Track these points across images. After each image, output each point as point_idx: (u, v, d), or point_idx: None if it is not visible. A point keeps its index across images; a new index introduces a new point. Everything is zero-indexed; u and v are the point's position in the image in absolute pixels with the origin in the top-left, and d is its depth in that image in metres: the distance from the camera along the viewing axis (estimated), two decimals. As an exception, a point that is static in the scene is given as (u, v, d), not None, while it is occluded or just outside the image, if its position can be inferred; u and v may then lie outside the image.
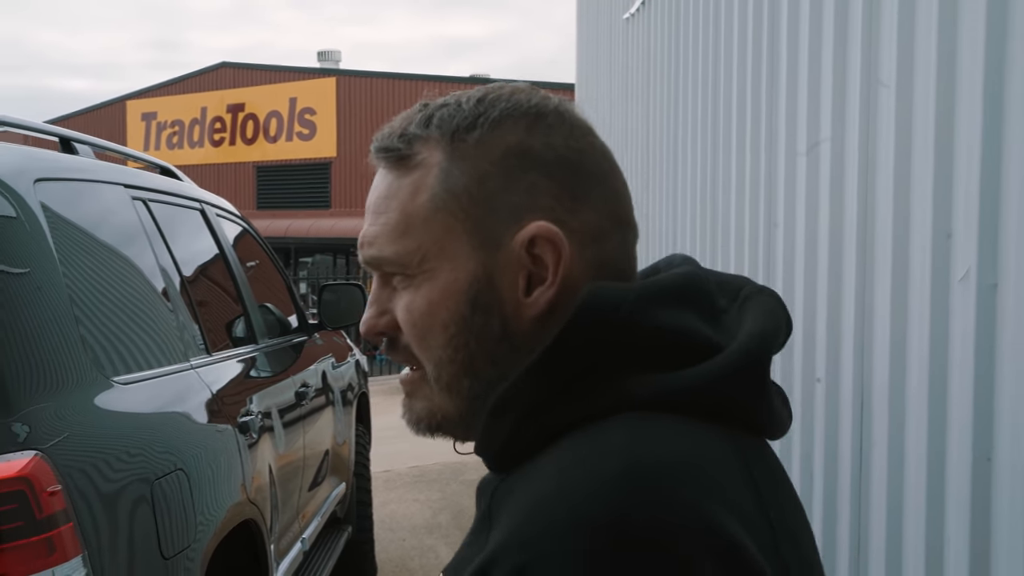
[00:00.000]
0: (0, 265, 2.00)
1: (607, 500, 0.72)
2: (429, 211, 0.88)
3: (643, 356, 0.83)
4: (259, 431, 3.13)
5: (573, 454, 0.78)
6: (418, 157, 0.89)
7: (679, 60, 4.76)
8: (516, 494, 0.79)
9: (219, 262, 3.70)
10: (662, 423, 0.80)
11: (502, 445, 0.86)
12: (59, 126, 2.92)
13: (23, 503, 1.76)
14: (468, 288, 0.87)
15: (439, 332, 0.89)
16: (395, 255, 0.90)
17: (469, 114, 0.89)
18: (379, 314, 0.93)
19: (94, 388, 2.17)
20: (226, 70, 29.79)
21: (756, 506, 0.79)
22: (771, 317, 0.89)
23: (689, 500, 0.73)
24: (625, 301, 0.84)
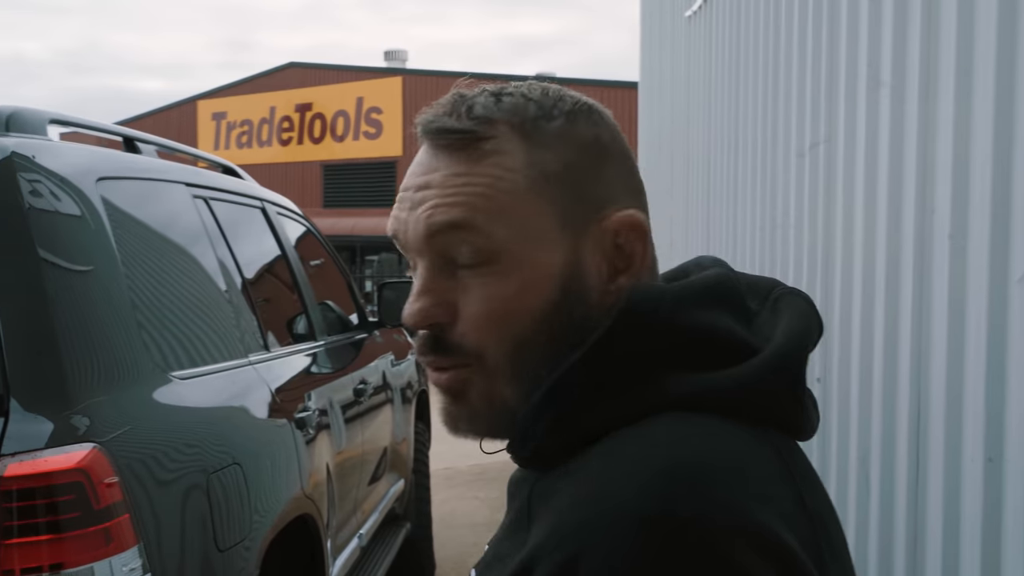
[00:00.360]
0: (64, 262, 2.05)
1: (653, 495, 0.73)
2: (522, 192, 0.87)
3: (681, 357, 0.84)
4: (317, 427, 3.17)
5: (618, 452, 0.79)
6: (493, 142, 0.87)
7: (740, 57, 4.72)
8: (560, 491, 0.80)
9: (279, 260, 3.76)
10: (704, 423, 0.80)
11: (540, 443, 0.86)
12: (132, 126, 2.99)
13: (80, 494, 1.80)
14: (560, 273, 0.87)
15: (525, 318, 0.87)
16: (483, 228, 0.86)
17: (542, 104, 0.89)
18: (436, 303, 0.89)
19: (153, 383, 2.21)
20: (294, 70, 30.16)
21: (798, 505, 0.79)
22: (804, 319, 0.90)
23: (733, 498, 0.74)
24: (663, 302, 0.85)
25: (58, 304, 1.97)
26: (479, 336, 0.88)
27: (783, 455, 0.83)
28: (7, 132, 2.18)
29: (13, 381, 1.85)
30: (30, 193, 2.04)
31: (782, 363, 0.85)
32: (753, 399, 0.83)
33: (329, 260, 4.80)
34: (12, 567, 1.75)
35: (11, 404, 1.84)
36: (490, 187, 0.86)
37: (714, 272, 0.92)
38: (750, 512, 0.74)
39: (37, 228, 2.01)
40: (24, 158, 2.08)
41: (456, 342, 0.89)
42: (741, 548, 0.72)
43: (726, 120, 5.01)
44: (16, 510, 1.76)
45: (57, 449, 1.81)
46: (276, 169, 28.90)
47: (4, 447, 1.79)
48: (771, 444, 0.83)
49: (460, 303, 0.88)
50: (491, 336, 0.87)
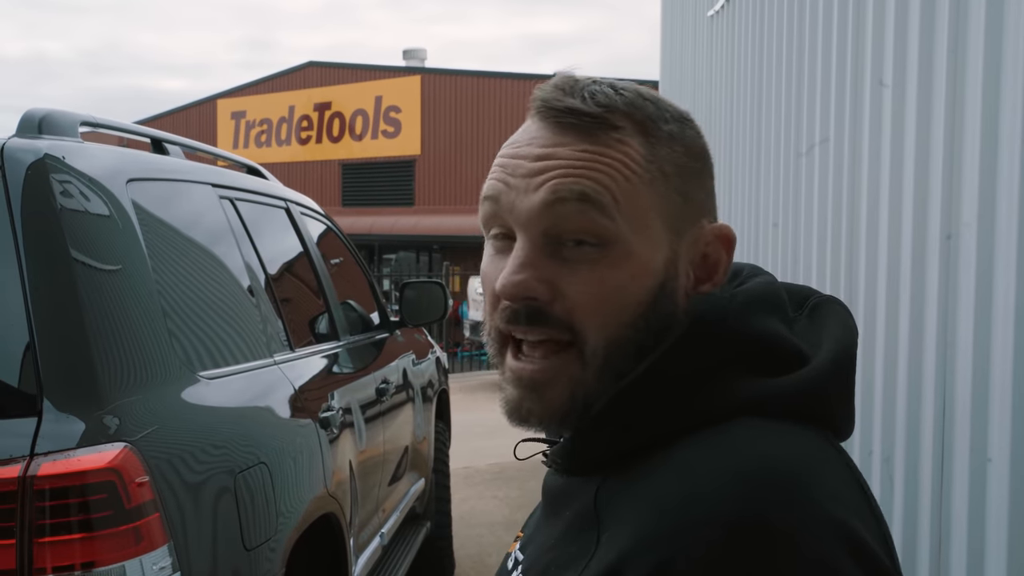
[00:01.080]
0: (95, 263, 2.07)
1: (743, 500, 0.74)
2: (642, 184, 0.88)
3: (746, 363, 0.86)
4: (340, 426, 3.19)
5: (699, 457, 0.79)
6: (618, 132, 0.88)
7: (763, 57, 4.71)
8: (638, 495, 0.80)
9: (303, 260, 3.77)
10: (780, 427, 0.82)
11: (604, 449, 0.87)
12: (152, 125, 3.01)
13: (112, 493, 1.82)
14: (663, 270, 0.89)
15: (631, 309, 0.87)
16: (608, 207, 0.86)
17: (657, 106, 0.91)
18: (538, 279, 0.87)
19: (181, 382, 2.23)
20: (313, 69, 30.22)
21: (869, 508, 0.82)
22: (847, 326, 0.92)
23: (822, 504, 0.75)
24: (731, 310, 0.88)
25: (90, 305, 1.99)
26: (585, 316, 0.87)
27: (846, 459, 0.85)
28: (39, 134, 2.20)
29: (46, 381, 1.87)
30: (62, 194, 2.06)
31: (838, 369, 0.87)
32: (814, 404, 0.85)
33: (351, 259, 4.81)
34: (44, 565, 1.77)
35: (44, 404, 1.86)
36: (619, 172, 0.87)
37: (765, 280, 0.95)
38: (840, 517, 0.75)
39: (69, 229, 2.03)
40: (56, 160, 2.10)
41: (559, 316, 0.87)
42: (836, 553, 0.73)
43: (748, 119, 5.00)
44: (48, 509, 1.78)
45: (89, 448, 1.83)
46: (295, 168, 28.98)
47: (37, 446, 1.80)
48: (835, 446, 0.86)
49: (563, 284, 0.87)
50: (596, 319, 0.87)
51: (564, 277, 0.87)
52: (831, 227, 3.48)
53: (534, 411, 0.89)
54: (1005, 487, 2.23)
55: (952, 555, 2.49)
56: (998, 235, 2.27)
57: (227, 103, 31.93)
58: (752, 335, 0.87)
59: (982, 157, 2.36)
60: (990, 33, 2.34)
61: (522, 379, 0.89)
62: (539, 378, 0.88)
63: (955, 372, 2.45)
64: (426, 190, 27.97)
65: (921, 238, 2.66)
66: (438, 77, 27.93)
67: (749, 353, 0.86)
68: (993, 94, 2.33)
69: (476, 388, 14.03)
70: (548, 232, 0.87)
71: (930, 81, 2.66)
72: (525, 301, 0.87)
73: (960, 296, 2.47)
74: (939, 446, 2.56)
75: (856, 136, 3.22)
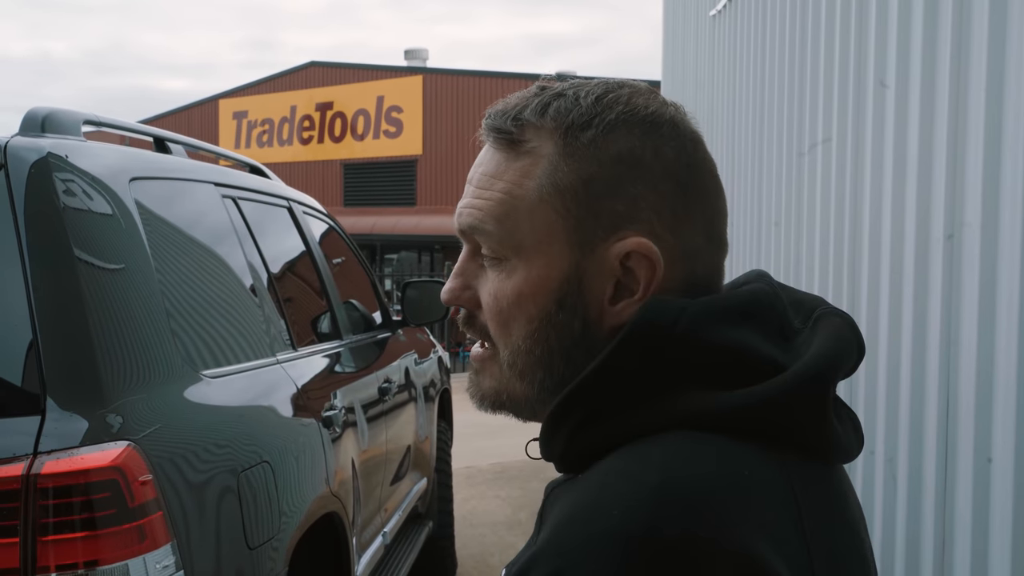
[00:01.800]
0: (99, 262, 2.07)
1: (640, 513, 0.73)
2: (533, 201, 0.88)
3: (699, 373, 0.83)
4: (342, 426, 3.19)
5: (614, 468, 0.79)
6: (529, 144, 0.89)
7: (764, 56, 4.70)
8: (562, 501, 0.81)
9: (305, 259, 3.77)
10: (708, 441, 0.79)
11: (562, 450, 0.88)
12: (155, 125, 3.01)
13: (116, 491, 1.82)
14: (559, 287, 0.88)
15: (522, 323, 0.90)
16: (493, 233, 0.90)
17: (586, 112, 0.88)
18: (463, 287, 0.94)
19: (184, 381, 2.23)
20: (315, 69, 30.23)
21: (793, 530, 0.78)
22: (839, 340, 0.87)
23: (721, 521, 0.73)
24: (683, 316, 0.84)
25: (93, 303, 1.99)
26: (492, 328, 0.92)
27: (792, 478, 0.81)
28: (42, 133, 2.20)
29: (49, 379, 1.87)
30: (65, 193, 2.06)
31: (807, 383, 0.82)
32: (768, 419, 0.81)
33: (353, 259, 4.81)
34: (48, 564, 1.77)
35: (47, 403, 1.85)
36: (508, 192, 0.90)
37: (749, 288, 0.90)
38: (737, 535, 0.73)
39: (72, 228, 2.03)
40: (59, 159, 2.10)
41: (481, 324, 0.94)
42: (724, 571, 0.71)
43: (751, 119, 5.00)
44: (52, 507, 1.78)
45: (92, 447, 1.83)
46: (297, 168, 28.98)
47: (40, 445, 1.80)
48: (779, 466, 0.81)
49: (480, 291, 0.93)
50: (500, 331, 0.92)
51: (481, 284, 0.93)
52: (833, 226, 3.48)
53: (473, 393, 0.97)
54: (1009, 487, 2.23)
55: (956, 555, 2.49)
56: (1001, 235, 2.27)
57: (229, 103, 31.94)
58: (706, 345, 0.83)
59: (985, 157, 2.35)
60: (993, 33, 2.34)
61: (471, 362, 0.97)
62: (475, 365, 0.96)
63: (958, 372, 2.45)
64: (428, 190, 27.98)
65: (924, 238, 2.65)
66: (440, 77, 27.94)
67: (702, 363, 0.83)
68: (997, 94, 2.32)
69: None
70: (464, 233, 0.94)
71: (933, 81, 2.65)
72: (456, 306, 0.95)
73: (963, 296, 2.46)
74: (942, 446, 2.56)
75: (858, 136, 3.22)
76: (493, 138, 0.92)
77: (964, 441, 2.44)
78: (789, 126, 4.20)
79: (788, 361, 0.84)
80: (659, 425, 0.81)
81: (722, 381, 0.82)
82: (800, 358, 0.85)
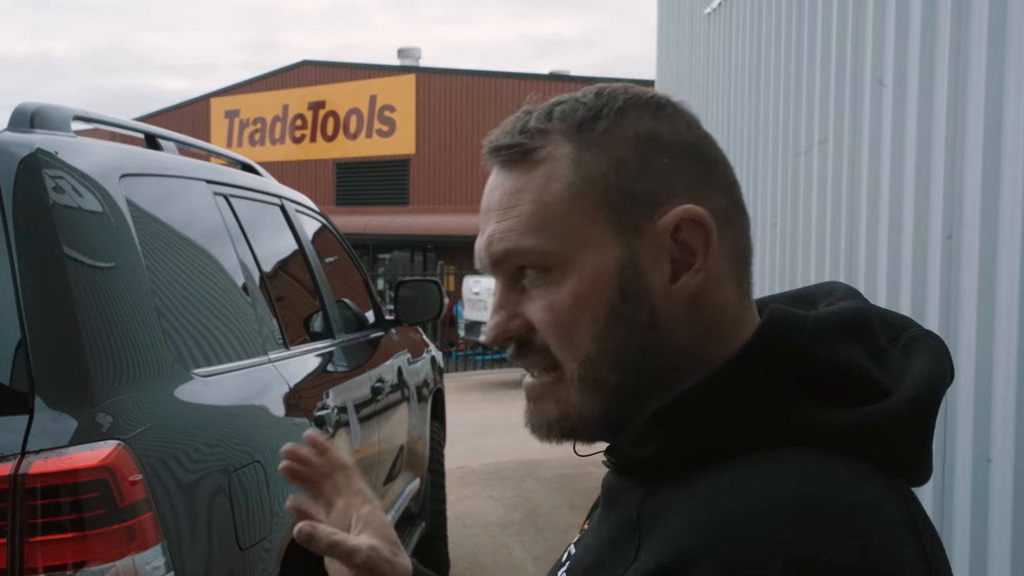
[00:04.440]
0: (88, 259, 2.05)
1: (795, 536, 0.71)
2: (566, 200, 0.86)
3: (815, 389, 0.82)
4: (335, 425, 3.16)
5: (751, 484, 0.77)
6: (543, 151, 0.88)
7: (760, 55, 4.69)
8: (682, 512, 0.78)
9: (298, 258, 3.75)
10: (839, 462, 0.78)
11: (653, 454, 0.85)
12: (147, 123, 2.98)
13: (105, 492, 1.79)
14: (617, 276, 0.85)
15: (589, 325, 0.86)
16: (534, 245, 0.87)
17: (592, 106, 0.88)
18: (509, 318, 0.90)
19: (175, 380, 2.20)
20: (308, 68, 30.20)
21: (920, 557, 0.78)
22: (938, 364, 0.87)
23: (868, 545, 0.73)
24: (806, 329, 0.83)
25: (82, 301, 1.96)
26: (555, 344, 0.88)
27: (908, 502, 0.81)
28: (31, 128, 2.17)
29: (38, 378, 1.84)
30: (54, 190, 2.03)
31: (916, 408, 0.82)
32: (884, 442, 0.81)
33: (346, 257, 4.79)
34: (36, 565, 1.74)
35: (35, 402, 1.83)
36: (536, 201, 0.87)
37: (853, 304, 0.89)
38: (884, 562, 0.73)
39: (61, 225, 2.00)
40: (49, 155, 2.07)
41: (540, 345, 0.89)
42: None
43: (746, 118, 4.98)
44: (40, 507, 1.75)
45: (81, 446, 1.80)
46: (289, 167, 28.94)
47: (29, 444, 1.78)
48: (898, 490, 0.81)
49: (530, 313, 0.89)
50: (563, 344, 0.87)
51: (529, 306, 0.89)
52: (830, 227, 3.47)
53: (535, 424, 0.91)
54: (1008, 488, 2.22)
55: (955, 556, 2.47)
56: (1000, 235, 2.26)
57: (221, 101, 31.90)
58: (825, 361, 0.82)
59: (984, 156, 2.34)
60: (993, 31, 2.32)
61: (527, 394, 0.92)
62: (533, 394, 0.91)
63: (957, 372, 2.43)
64: (421, 189, 27.96)
65: (922, 238, 2.64)
66: (433, 76, 27.93)
67: (819, 379, 0.82)
68: (996, 93, 2.31)
69: (471, 388, 14.02)
70: (499, 263, 0.90)
71: (932, 80, 2.64)
72: (506, 342, 0.91)
73: (961, 296, 2.45)
74: (940, 447, 2.54)
75: (856, 135, 3.21)
76: (503, 157, 0.89)
77: (963, 442, 2.43)
78: (785, 126, 4.19)
79: (889, 382, 0.84)
80: (778, 439, 0.80)
81: (833, 398, 0.81)
82: (898, 379, 0.84)
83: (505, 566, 5.66)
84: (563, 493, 7.14)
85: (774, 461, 0.78)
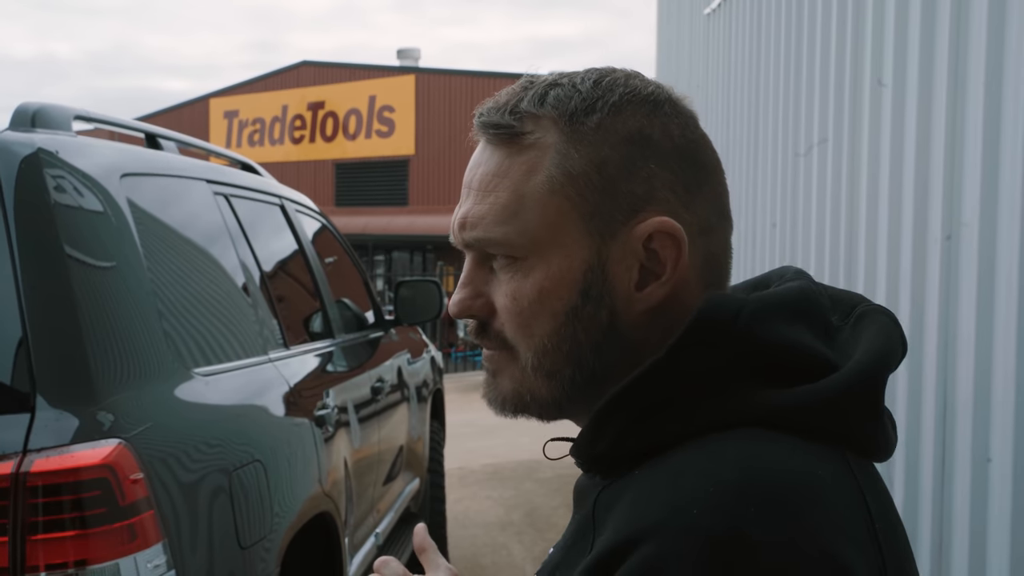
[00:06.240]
0: (89, 259, 2.05)
1: (725, 515, 0.71)
2: (545, 193, 0.86)
3: (756, 371, 0.81)
4: (335, 425, 3.16)
5: (689, 467, 0.77)
6: (532, 136, 0.87)
7: (760, 55, 4.70)
8: (629, 499, 0.78)
9: (298, 258, 3.75)
10: (779, 440, 0.78)
11: (607, 448, 0.85)
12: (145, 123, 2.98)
13: (106, 490, 1.80)
14: (582, 277, 0.86)
15: (547, 320, 0.87)
16: (504, 237, 0.87)
17: (587, 96, 0.86)
18: (473, 296, 0.91)
19: (175, 379, 2.21)
20: (307, 68, 30.18)
21: (868, 531, 0.77)
22: (887, 338, 0.86)
23: (806, 523, 0.72)
24: (742, 312, 0.82)
25: (83, 300, 1.97)
26: (512, 331, 0.89)
27: (857, 478, 0.81)
28: (33, 128, 2.17)
29: (39, 377, 1.85)
30: (55, 189, 2.04)
31: (861, 381, 0.82)
32: (830, 417, 0.80)
33: (346, 257, 4.79)
34: (37, 563, 1.74)
35: (37, 400, 1.83)
36: (515, 190, 0.87)
37: (796, 284, 0.88)
38: (822, 538, 0.72)
39: (63, 224, 2.00)
40: (50, 154, 2.07)
41: (496, 331, 0.90)
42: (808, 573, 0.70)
43: (746, 118, 4.99)
44: (42, 506, 1.75)
45: (83, 445, 1.80)
46: (288, 167, 28.92)
47: (30, 443, 1.78)
48: (845, 465, 0.80)
49: (494, 296, 0.90)
50: (521, 333, 0.88)
51: (494, 289, 0.89)
52: (830, 227, 3.47)
53: (492, 397, 0.93)
54: (1008, 488, 2.22)
55: (954, 556, 2.48)
56: (999, 235, 2.26)
57: (220, 102, 31.87)
58: (765, 341, 0.81)
59: (983, 157, 2.34)
60: (992, 31, 2.33)
61: (485, 366, 0.94)
62: (490, 367, 0.92)
63: (956, 373, 2.43)
64: (420, 190, 27.95)
65: (921, 238, 2.64)
66: (432, 77, 27.92)
67: (761, 360, 0.81)
68: (995, 93, 2.31)
69: (470, 388, 14.01)
70: (470, 247, 0.90)
71: (931, 80, 2.64)
72: (467, 318, 0.92)
73: (961, 296, 2.45)
74: (939, 447, 2.55)
75: (855, 135, 3.21)
76: (491, 135, 0.89)
77: (962, 442, 2.43)
78: (785, 126, 4.19)
79: (837, 358, 0.83)
80: (722, 422, 0.79)
81: (777, 379, 0.81)
82: (848, 355, 0.84)
83: (504, 566, 5.66)
84: (562, 494, 7.14)
85: (717, 442, 0.78)
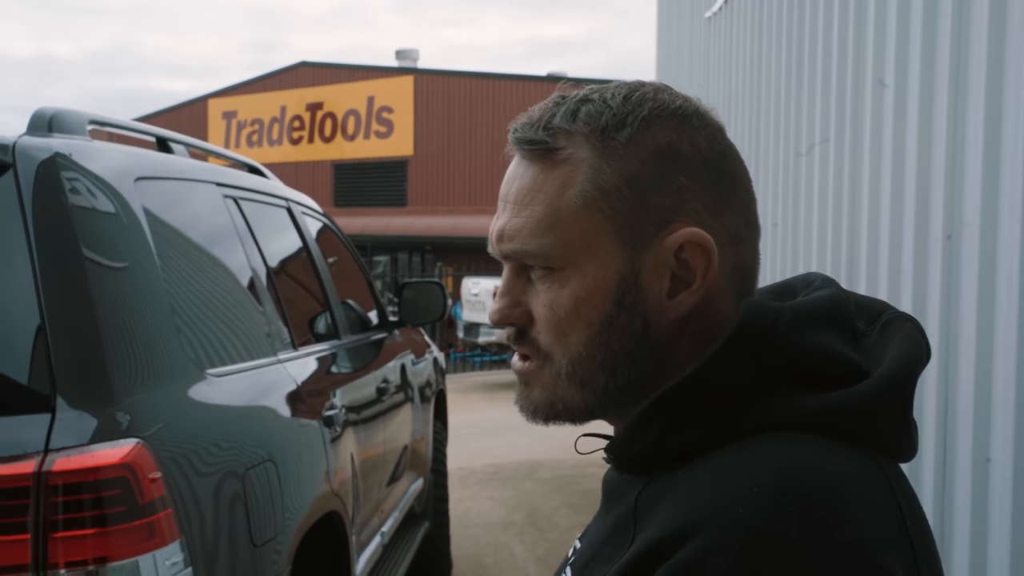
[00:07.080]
0: (106, 261, 2.08)
1: (764, 516, 0.74)
2: (578, 207, 0.89)
3: (789, 375, 0.85)
4: (342, 425, 3.19)
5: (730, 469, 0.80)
6: (565, 152, 0.90)
7: (761, 57, 4.72)
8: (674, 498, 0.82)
9: (304, 259, 3.78)
10: (815, 444, 0.81)
11: (644, 449, 0.88)
12: (144, 124, 3.01)
13: (126, 488, 1.83)
14: (616, 287, 0.89)
15: (582, 329, 0.90)
16: (540, 249, 0.91)
17: (618, 112, 0.90)
18: (512, 305, 0.94)
19: (189, 380, 2.24)
20: (305, 69, 30.18)
21: (900, 529, 0.80)
22: (913, 344, 0.90)
23: (843, 525, 0.75)
24: (780, 320, 0.86)
25: (101, 302, 2.00)
26: (548, 339, 0.92)
27: (888, 478, 0.84)
28: (49, 133, 2.20)
29: (59, 377, 1.88)
30: (72, 192, 2.07)
31: (891, 388, 0.85)
32: (861, 421, 0.84)
33: (350, 258, 4.82)
34: (58, 560, 1.77)
35: (57, 401, 1.86)
36: (549, 204, 0.90)
37: (828, 292, 0.92)
38: (858, 540, 0.75)
39: (80, 227, 2.03)
40: (66, 158, 2.10)
41: (533, 338, 0.94)
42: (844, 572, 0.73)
43: (747, 120, 5.02)
44: (62, 504, 1.78)
45: (102, 444, 1.84)
46: (287, 168, 28.91)
47: (51, 442, 1.81)
48: (878, 468, 0.84)
49: (532, 305, 0.93)
50: (557, 341, 0.92)
51: (532, 298, 0.93)
52: (831, 227, 3.50)
53: (523, 405, 0.96)
54: (1008, 488, 2.25)
55: (954, 556, 2.50)
56: (1000, 235, 2.29)
57: (218, 103, 31.87)
58: (800, 348, 0.85)
59: (984, 157, 2.37)
60: (993, 31, 2.35)
61: (517, 376, 0.97)
62: (522, 377, 0.96)
63: (956, 373, 2.46)
64: (419, 191, 27.96)
65: (923, 238, 2.67)
66: (431, 77, 27.92)
67: (797, 367, 0.85)
68: (996, 93, 2.34)
69: (470, 389, 14.03)
70: (508, 258, 0.94)
71: (932, 81, 2.67)
72: (506, 326, 0.96)
73: (962, 297, 2.48)
74: (940, 446, 2.58)
75: (856, 135, 3.24)
76: (525, 150, 0.92)
77: (963, 442, 2.46)
78: (786, 127, 4.22)
79: (867, 364, 0.87)
80: (759, 426, 0.83)
81: (811, 384, 0.85)
82: (876, 361, 0.87)
83: (507, 566, 5.68)
84: (563, 494, 7.17)
85: (756, 445, 0.81)
